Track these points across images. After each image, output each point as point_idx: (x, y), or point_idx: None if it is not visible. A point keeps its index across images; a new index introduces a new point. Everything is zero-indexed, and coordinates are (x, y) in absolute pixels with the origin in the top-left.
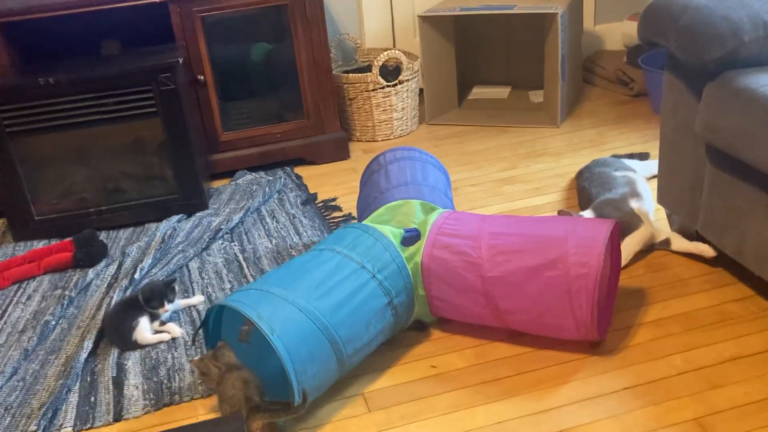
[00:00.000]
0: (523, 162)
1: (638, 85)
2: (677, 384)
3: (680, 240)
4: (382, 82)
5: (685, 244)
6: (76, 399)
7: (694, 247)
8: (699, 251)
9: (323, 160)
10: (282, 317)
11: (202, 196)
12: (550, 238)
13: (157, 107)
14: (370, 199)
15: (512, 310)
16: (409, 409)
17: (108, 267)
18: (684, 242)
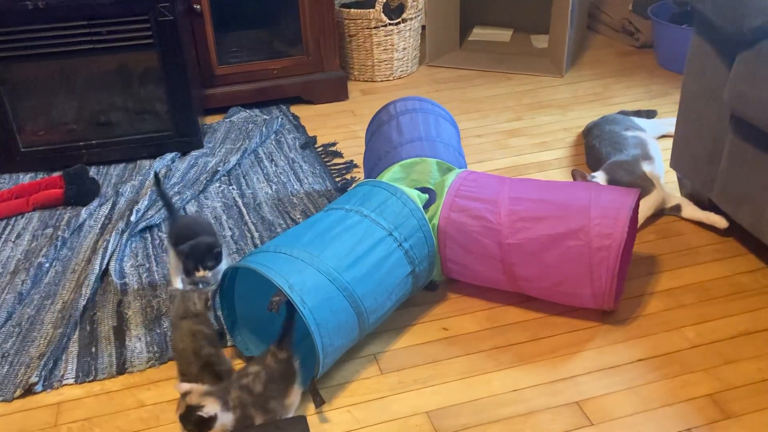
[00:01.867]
0: (528, 113)
1: (644, 36)
2: (691, 357)
3: (692, 208)
4: (385, 20)
5: (697, 213)
6: (77, 349)
7: (706, 217)
8: (711, 221)
9: (320, 100)
10: (312, 287)
11: (197, 133)
12: (572, 206)
13: (154, 38)
14: (381, 153)
15: (529, 277)
16: (422, 372)
17: (101, 207)
18: (696, 210)
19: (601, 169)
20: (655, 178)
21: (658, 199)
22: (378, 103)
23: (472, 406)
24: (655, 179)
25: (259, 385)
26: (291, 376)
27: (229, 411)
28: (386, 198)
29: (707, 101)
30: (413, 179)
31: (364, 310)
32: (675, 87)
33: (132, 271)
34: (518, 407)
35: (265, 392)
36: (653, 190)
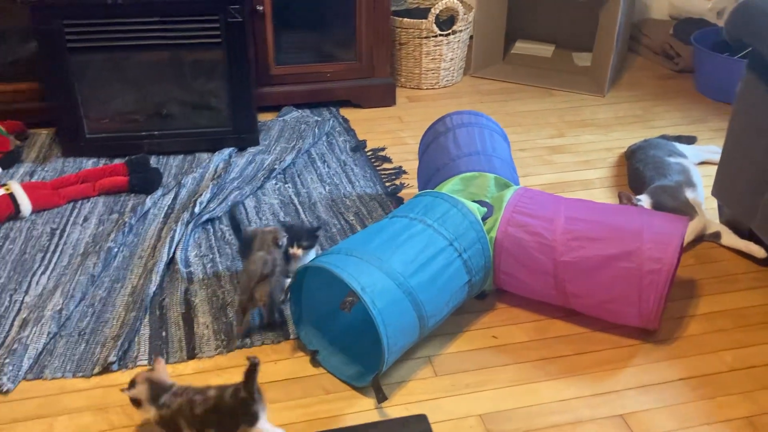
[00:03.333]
0: (570, 130)
1: (684, 60)
2: (728, 380)
3: (731, 236)
4: (436, 31)
5: (736, 241)
6: (148, 332)
7: (745, 246)
8: (750, 251)
9: (369, 104)
10: (381, 290)
11: (255, 131)
12: (626, 229)
13: (222, 38)
14: (439, 164)
15: (579, 294)
16: (473, 377)
17: (164, 196)
18: (735, 239)
19: (645, 193)
20: (697, 205)
21: (699, 226)
22: (424, 111)
23: (522, 412)
24: (697, 206)
25: (200, 408)
26: (244, 417)
27: (154, 407)
28: (448, 209)
29: (756, 135)
30: (471, 192)
31: (425, 314)
32: (714, 114)
33: (196, 261)
34: (565, 416)
35: (203, 418)
36: (695, 216)
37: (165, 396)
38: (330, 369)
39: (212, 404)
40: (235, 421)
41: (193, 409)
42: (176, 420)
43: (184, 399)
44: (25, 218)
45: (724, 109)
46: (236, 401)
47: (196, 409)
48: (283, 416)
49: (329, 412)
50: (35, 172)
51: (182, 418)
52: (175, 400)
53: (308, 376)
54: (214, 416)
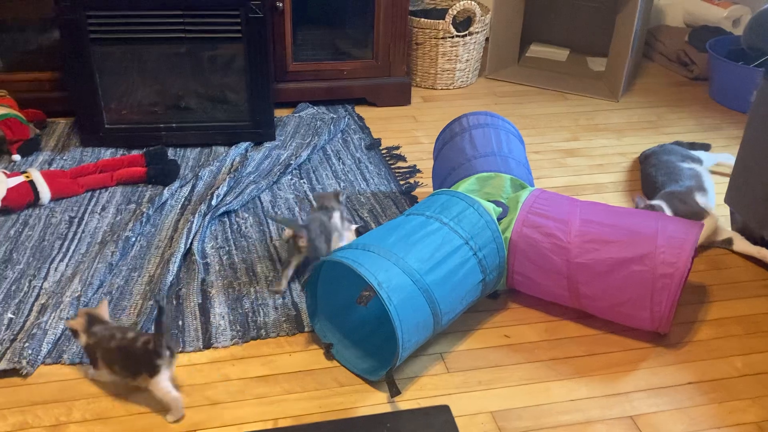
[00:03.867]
0: (584, 134)
1: (699, 68)
2: (738, 386)
3: (743, 242)
4: (453, 32)
5: (748, 248)
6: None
7: (757, 252)
8: (762, 256)
9: (384, 103)
10: (397, 286)
11: (271, 126)
12: (640, 233)
13: (242, 33)
14: (454, 163)
15: (592, 296)
16: (486, 375)
17: (182, 188)
18: (747, 245)
19: (658, 197)
20: (708, 209)
21: (709, 231)
22: (438, 111)
23: (533, 410)
24: (708, 210)
25: (114, 344)
26: (146, 366)
27: (86, 335)
28: (464, 208)
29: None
30: (487, 192)
31: (439, 311)
32: (727, 122)
33: (213, 252)
34: (576, 416)
35: (113, 353)
36: (706, 219)
37: (96, 327)
38: (343, 362)
39: (124, 344)
40: (138, 367)
41: (109, 342)
42: (95, 349)
43: (106, 333)
44: (44, 206)
45: (738, 117)
46: (144, 349)
47: (111, 344)
48: (298, 407)
49: (343, 405)
50: (54, 161)
51: (99, 349)
52: (100, 332)
53: (322, 368)
54: (122, 355)
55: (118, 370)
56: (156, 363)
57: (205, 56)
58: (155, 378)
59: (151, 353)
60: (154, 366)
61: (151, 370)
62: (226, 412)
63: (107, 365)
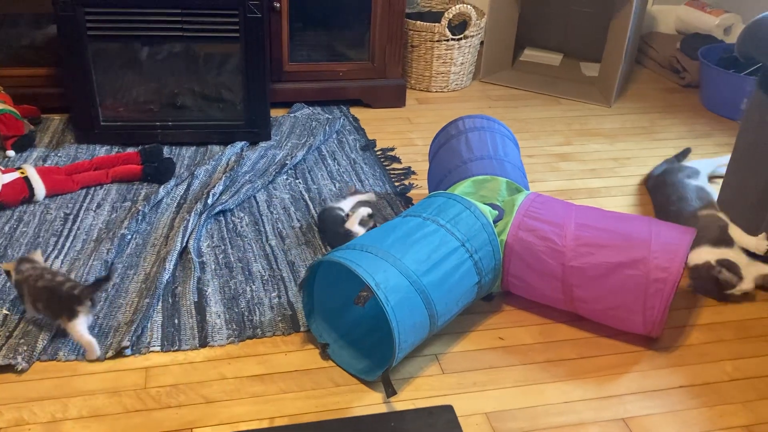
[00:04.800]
0: (577, 139)
1: (690, 75)
2: (729, 390)
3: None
4: (448, 35)
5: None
6: (161, 319)
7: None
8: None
9: (379, 105)
10: (394, 287)
11: (267, 126)
12: (635, 238)
13: (240, 33)
14: (450, 166)
15: (586, 299)
16: (480, 376)
17: (177, 186)
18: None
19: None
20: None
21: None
22: (433, 113)
23: (528, 412)
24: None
25: (41, 283)
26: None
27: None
28: (461, 211)
29: (762, 152)
30: (482, 195)
31: (435, 312)
32: (718, 129)
33: (209, 251)
34: (569, 418)
35: (39, 291)
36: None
37: (24, 266)
38: (339, 362)
39: (50, 285)
40: (59, 309)
41: (36, 281)
42: (22, 285)
43: (35, 273)
44: (39, 202)
45: (728, 124)
46: (68, 294)
47: (38, 283)
48: (294, 406)
49: (338, 404)
50: (48, 157)
51: (26, 286)
52: (29, 270)
53: (318, 368)
54: (46, 295)
55: (41, 308)
56: (75, 308)
57: (202, 55)
58: (73, 321)
59: (74, 298)
60: (73, 311)
61: (70, 314)
62: (222, 411)
63: (32, 302)
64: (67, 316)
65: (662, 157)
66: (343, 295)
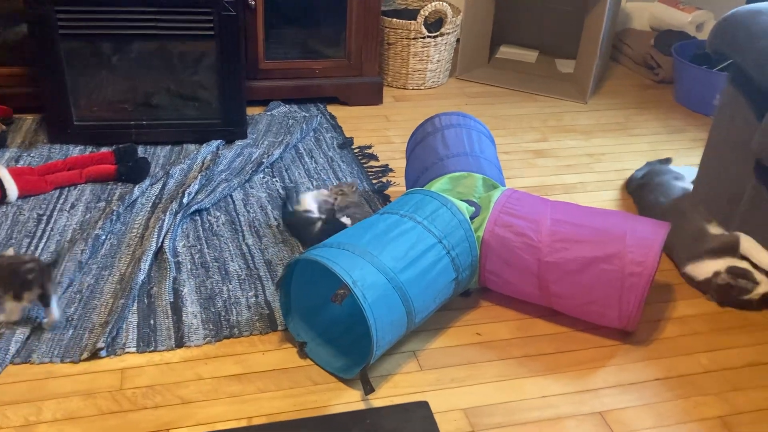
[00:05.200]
0: (553, 135)
1: (664, 72)
2: (703, 381)
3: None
4: (424, 32)
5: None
6: (136, 320)
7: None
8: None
9: (356, 102)
10: (372, 284)
11: (243, 124)
12: (610, 233)
13: (215, 31)
14: (427, 163)
15: (562, 294)
16: (458, 372)
17: (152, 186)
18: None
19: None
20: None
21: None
22: (410, 111)
23: (506, 407)
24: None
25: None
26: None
27: None
28: (437, 207)
29: (734, 147)
30: (459, 192)
31: (413, 309)
32: (692, 124)
33: (184, 251)
34: (547, 412)
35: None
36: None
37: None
38: (317, 361)
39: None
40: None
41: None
42: None
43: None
44: (12, 203)
45: (702, 120)
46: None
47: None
48: (272, 405)
49: (317, 403)
50: (20, 158)
51: None
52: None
53: (296, 367)
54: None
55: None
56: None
57: (177, 53)
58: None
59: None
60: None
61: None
62: (198, 411)
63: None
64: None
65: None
66: (321, 293)
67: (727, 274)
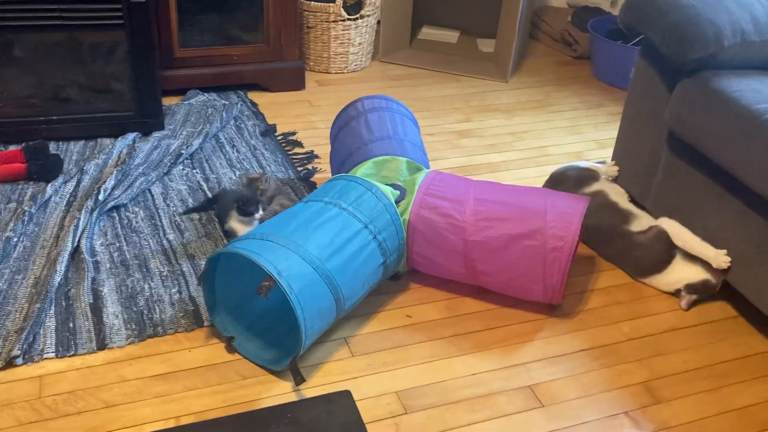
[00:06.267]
0: (476, 115)
1: (581, 47)
2: (626, 349)
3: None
4: (344, 15)
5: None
6: (54, 324)
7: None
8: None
9: (278, 88)
10: (297, 274)
11: (159, 115)
12: (531, 209)
13: (124, 20)
14: (351, 148)
15: (488, 272)
16: (389, 356)
17: (66, 184)
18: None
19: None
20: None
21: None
22: (334, 95)
23: (437, 387)
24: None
25: None
26: None
27: None
28: (362, 193)
29: (648, 119)
30: (384, 176)
31: (341, 296)
32: (609, 99)
33: (102, 249)
34: (478, 389)
35: None
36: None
37: None
38: (246, 354)
39: None
40: None
41: None
42: None
43: None
44: None
45: (619, 94)
46: None
47: None
48: (201, 403)
49: (246, 397)
50: None
51: None
52: None
53: (224, 362)
54: None
55: None
56: None
57: (86, 44)
58: None
59: None
60: None
61: None
62: (124, 414)
63: None
64: None
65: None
66: (247, 286)
67: (688, 293)
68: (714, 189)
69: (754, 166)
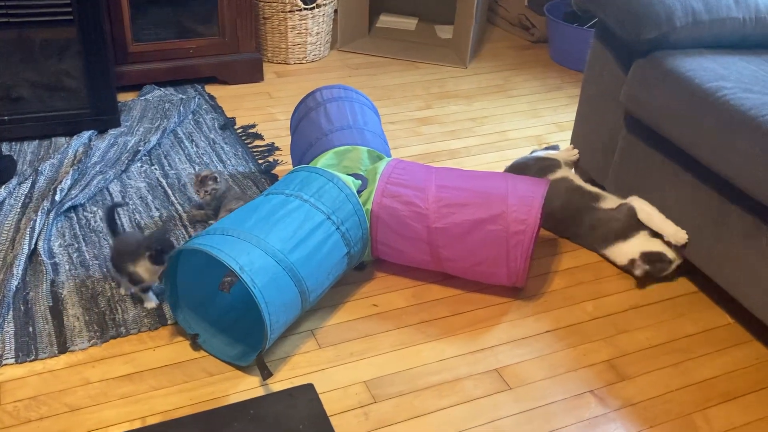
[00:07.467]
0: (436, 102)
1: (539, 31)
2: (590, 329)
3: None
4: (300, 5)
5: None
6: (13, 329)
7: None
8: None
9: (236, 81)
10: (260, 268)
11: (115, 112)
12: (493, 194)
13: (74, 15)
14: (311, 139)
15: (452, 258)
16: (357, 346)
17: (21, 185)
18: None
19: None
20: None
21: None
22: (293, 86)
23: (405, 375)
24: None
25: None
26: None
27: None
28: (324, 183)
29: (604, 100)
30: (345, 166)
31: (306, 288)
32: (567, 81)
33: (61, 251)
34: (445, 375)
35: None
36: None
37: None
38: (212, 351)
39: None
40: None
41: None
42: None
43: None
44: None
45: (577, 76)
46: None
47: None
48: (167, 402)
49: (213, 394)
50: None
51: None
52: None
53: (189, 360)
54: None
55: None
56: None
57: (37, 42)
58: None
59: None
60: None
61: None
62: (88, 417)
63: None
64: None
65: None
66: (210, 282)
67: (643, 262)
68: (670, 167)
69: (707, 143)
